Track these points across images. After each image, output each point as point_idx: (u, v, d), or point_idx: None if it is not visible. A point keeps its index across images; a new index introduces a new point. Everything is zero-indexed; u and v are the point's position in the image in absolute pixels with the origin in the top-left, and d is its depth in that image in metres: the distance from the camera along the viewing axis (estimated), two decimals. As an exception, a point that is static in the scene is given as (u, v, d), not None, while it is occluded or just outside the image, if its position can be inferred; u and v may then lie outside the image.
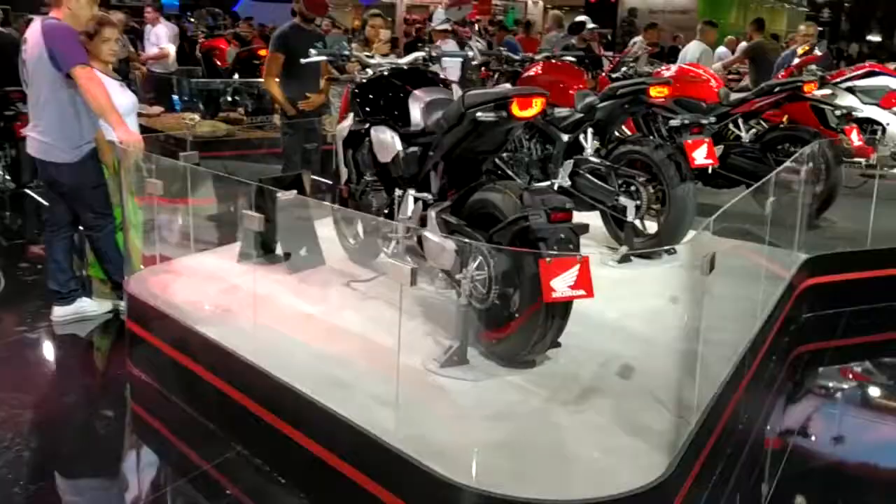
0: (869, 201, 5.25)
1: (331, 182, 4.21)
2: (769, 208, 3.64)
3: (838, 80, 7.00)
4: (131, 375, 3.82)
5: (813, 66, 7.08)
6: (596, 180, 4.48)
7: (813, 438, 3.66)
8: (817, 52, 7.26)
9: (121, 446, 3.42)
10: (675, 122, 4.21)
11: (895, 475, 3.44)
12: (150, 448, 3.42)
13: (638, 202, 4.29)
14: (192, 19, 11.91)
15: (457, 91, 5.20)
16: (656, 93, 4.26)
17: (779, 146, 5.48)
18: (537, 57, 5.14)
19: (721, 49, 10.18)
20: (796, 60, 7.45)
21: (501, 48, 5.16)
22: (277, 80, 5.52)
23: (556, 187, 4.68)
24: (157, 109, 10.25)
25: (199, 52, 10.49)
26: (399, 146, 3.36)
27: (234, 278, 3.86)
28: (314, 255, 4.12)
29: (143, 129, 9.13)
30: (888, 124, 6.52)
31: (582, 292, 2.55)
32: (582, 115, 4.62)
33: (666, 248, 4.39)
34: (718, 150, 5.39)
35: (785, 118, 5.95)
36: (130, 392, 3.76)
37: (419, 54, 3.74)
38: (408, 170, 3.30)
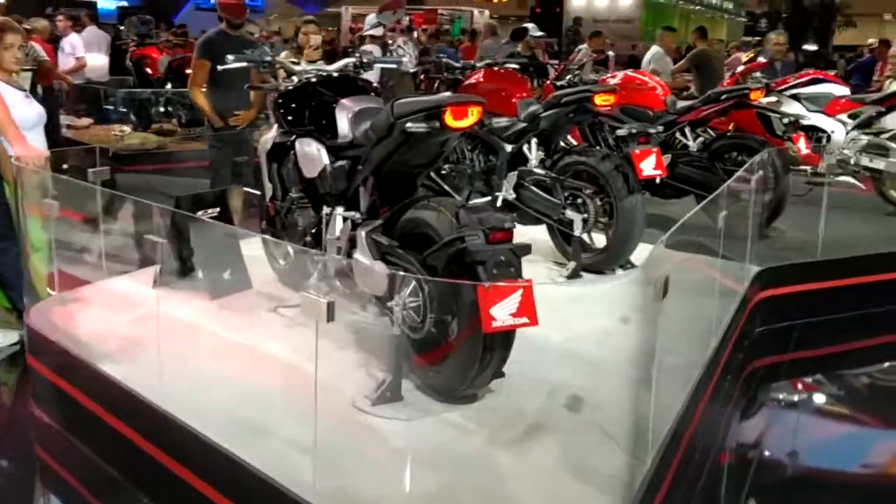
0: (815, 209, 5.14)
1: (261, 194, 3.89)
2: (722, 221, 3.45)
3: (783, 87, 6.92)
4: (34, 416, 3.45)
5: (758, 74, 7.00)
6: (541, 193, 4.27)
7: (771, 460, 3.50)
8: (762, 59, 7.18)
9: (21, 497, 3.05)
10: (621, 132, 3.99)
11: (856, 483, 3.28)
12: (53, 499, 3.07)
13: (585, 215, 4.09)
14: (122, 27, 11.41)
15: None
16: (601, 101, 4.06)
17: (726, 155, 5.35)
18: (479, 64, 4.90)
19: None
20: (740, 68, 7.37)
21: (441, 56, 4.89)
22: (204, 89, 5.18)
23: (499, 200, 4.46)
24: (86, 121, 9.75)
25: (130, 60, 10.02)
26: (326, 160, 3.07)
27: (148, 307, 3.50)
28: (239, 277, 3.79)
29: (70, 143, 8.70)
30: (833, 132, 6.45)
31: (525, 320, 2.30)
32: (525, 124, 4.40)
33: (621, 263, 4.19)
34: (666, 159, 5.23)
35: (731, 126, 5.83)
36: (34, 434, 3.39)
37: (349, 60, 3.46)
38: (336, 185, 3.01)
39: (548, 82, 6.05)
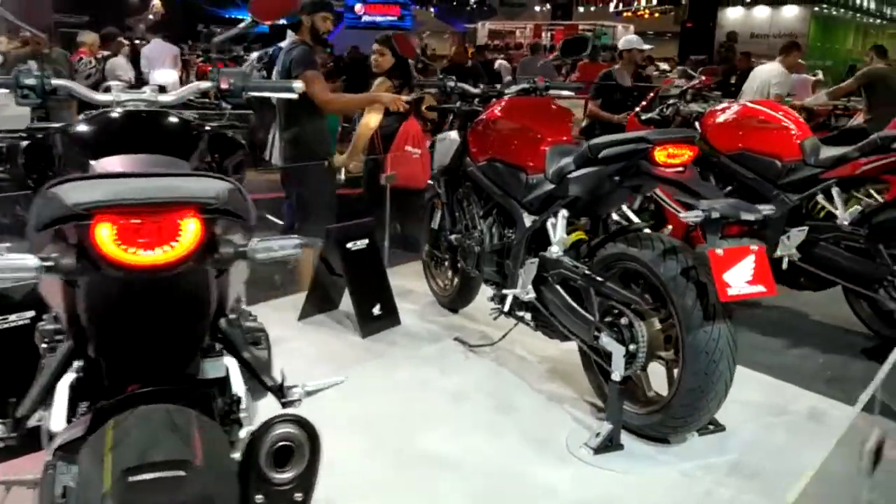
0: None
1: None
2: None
3: None
4: None
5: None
6: (568, 299, 2.66)
7: None
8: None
9: None
10: (689, 217, 2.22)
11: None
12: None
13: (631, 346, 2.43)
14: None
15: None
16: (665, 157, 2.38)
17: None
18: (508, 91, 3.32)
19: (798, 76, 7.88)
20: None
21: (450, 80, 3.31)
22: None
23: (507, 302, 2.90)
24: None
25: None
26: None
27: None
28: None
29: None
30: None
31: None
32: (553, 185, 2.80)
33: (695, 427, 2.51)
34: (799, 235, 3.42)
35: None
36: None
37: (201, 85, 2.00)
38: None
39: (632, 114, 4.38)
